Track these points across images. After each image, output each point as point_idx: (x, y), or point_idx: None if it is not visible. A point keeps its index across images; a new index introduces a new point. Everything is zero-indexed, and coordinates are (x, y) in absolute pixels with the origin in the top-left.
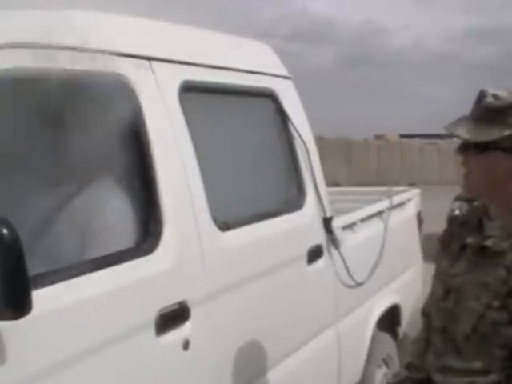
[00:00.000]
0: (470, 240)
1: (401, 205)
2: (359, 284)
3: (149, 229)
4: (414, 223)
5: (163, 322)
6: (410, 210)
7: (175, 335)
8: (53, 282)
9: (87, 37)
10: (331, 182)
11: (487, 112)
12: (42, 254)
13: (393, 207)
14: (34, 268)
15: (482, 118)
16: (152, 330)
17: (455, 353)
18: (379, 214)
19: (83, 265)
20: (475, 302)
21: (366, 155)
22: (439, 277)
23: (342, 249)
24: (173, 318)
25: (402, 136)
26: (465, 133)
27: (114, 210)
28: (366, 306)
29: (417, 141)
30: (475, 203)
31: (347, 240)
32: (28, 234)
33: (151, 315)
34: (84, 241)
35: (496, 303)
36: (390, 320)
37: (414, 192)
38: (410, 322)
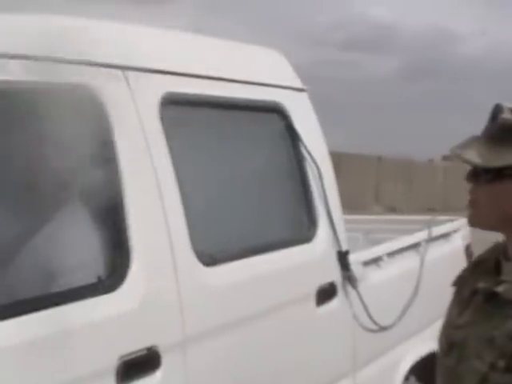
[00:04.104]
0: (481, 284)
1: (444, 236)
2: (383, 328)
3: (113, 262)
4: (462, 258)
5: (126, 371)
6: (457, 242)
7: None
8: None
9: (48, 44)
10: (388, 207)
11: (503, 131)
12: None
13: (433, 239)
14: None
15: (497, 139)
16: (112, 379)
17: None
18: (415, 246)
19: (31, 302)
20: (478, 361)
21: (431, 178)
22: (447, 328)
23: (363, 287)
24: (139, 365)
25: None
26: (475, 157)
27: (71, 240)
28: (393, 354)
29: None
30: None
31: (370, 277)
32: None
33: (111, 362)
34: (35, 275)
35: (501, 363)
36: (426, 370)
37: (462, 222)
38: None
